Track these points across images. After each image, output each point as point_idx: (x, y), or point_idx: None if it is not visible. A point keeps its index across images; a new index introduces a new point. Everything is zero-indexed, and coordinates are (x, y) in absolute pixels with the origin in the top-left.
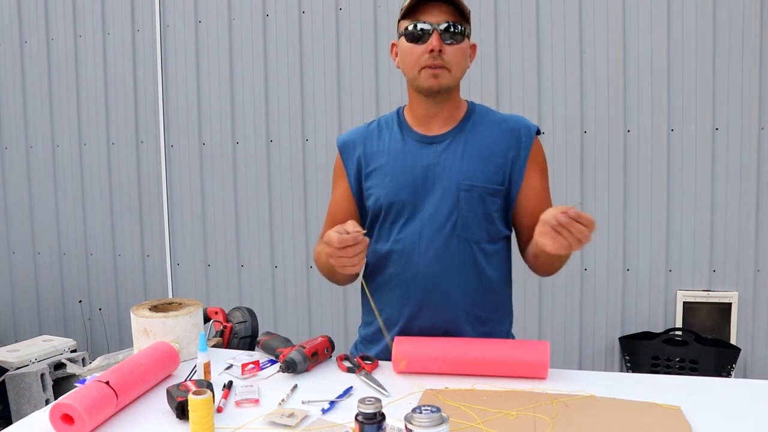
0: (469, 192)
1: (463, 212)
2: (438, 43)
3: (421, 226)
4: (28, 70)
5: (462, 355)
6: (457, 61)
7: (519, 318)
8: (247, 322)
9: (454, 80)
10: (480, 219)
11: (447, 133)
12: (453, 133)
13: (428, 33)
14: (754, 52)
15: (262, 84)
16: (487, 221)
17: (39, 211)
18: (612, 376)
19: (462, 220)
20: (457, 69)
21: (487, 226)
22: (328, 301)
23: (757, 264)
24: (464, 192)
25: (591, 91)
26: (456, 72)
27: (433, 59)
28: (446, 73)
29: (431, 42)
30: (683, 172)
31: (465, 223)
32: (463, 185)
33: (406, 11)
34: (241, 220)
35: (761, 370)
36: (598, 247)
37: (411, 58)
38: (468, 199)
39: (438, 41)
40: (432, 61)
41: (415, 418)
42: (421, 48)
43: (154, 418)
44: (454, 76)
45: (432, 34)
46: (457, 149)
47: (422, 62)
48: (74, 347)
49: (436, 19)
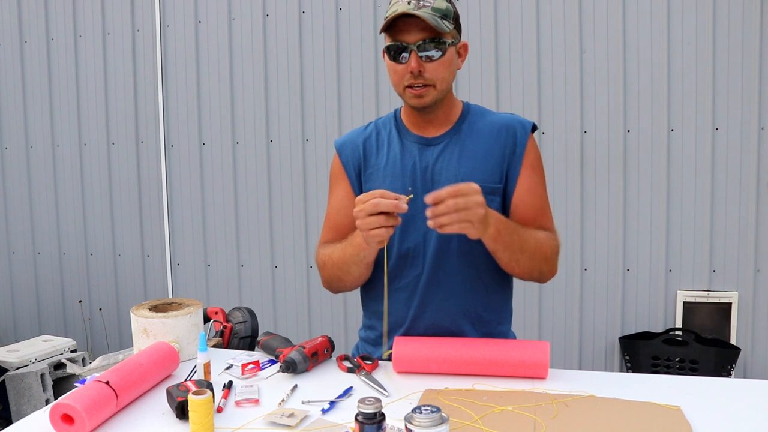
0: None
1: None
2: (416, 65)
3: (424, 228)
4: (28, 70)
5: (462, 355)
6: (441, 75)
7: (519, 318)
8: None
9: (440, 94)
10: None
11: (443, 135)
12: (449, 134)
13: (407, 52)
14: (754, 52)
15: (262, 84)
16: None
17: (39, 211)
18: (612, 376)
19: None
20: (442, 83)
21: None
22: (328, 301)
23: (757, 264)
24: None
25: (591, 91)
26: (441, 86)
27: (414, 79)
28: (431, 90)
29: (410, 63)
30: (683, 172)
31: None
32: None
33: (385, 29)
34: (241, 220)
35: (761, 370)
36: (598, 247)
37: (394, 77)
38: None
39: (416, 62)
40: (413, 81)
41: (415, 418)
42: (402, 67)
43: (154, 418)
44: (439, 91)
45: (411, 54)
46: (454, 150)
47: (405, 82)
48: (74, 347)
49: (413, 38)
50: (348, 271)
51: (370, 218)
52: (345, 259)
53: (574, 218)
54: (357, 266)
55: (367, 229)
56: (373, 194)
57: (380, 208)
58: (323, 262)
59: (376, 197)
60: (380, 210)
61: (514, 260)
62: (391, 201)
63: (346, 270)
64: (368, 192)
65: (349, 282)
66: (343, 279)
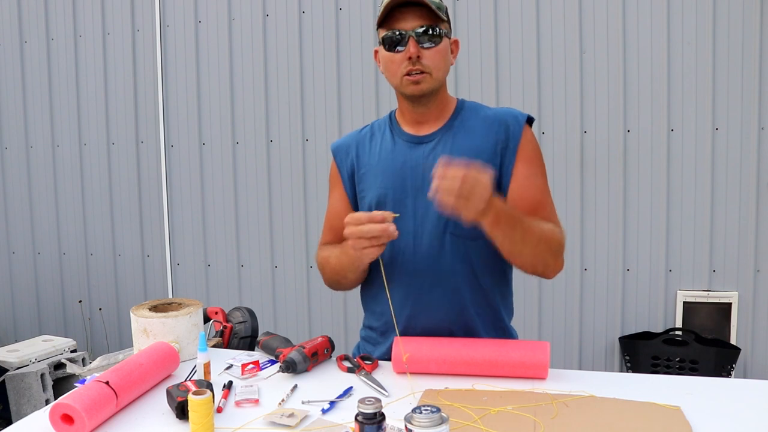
0: None
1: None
2: (415, 50)
3: (414, 225)
4: (28, 70)
5: (462, 356)
6: (437, 63)
7: (519, 318)
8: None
9: (436, 83)
10: None
11: (435, 132)
12: (442, 131)
13: (405, 40)
14: (754, 52)
15: (262, 84)
16: None
17: (39, 211)
18: (612, 376)
19: (454, 218)
20: (438, 71)
21: None
22: (328, 301)
23: (757, 264)
24: None
25: (591, 91)
26: (437, 74)
27: (412, 65)
28: (427, 77)
29: (408, 49)
30: (683, 172)
31: (457, 220)
32: None
33: (381, 20)
34: (241, 220)
35: (761, 370)
36: (598, 247)
37: (391, 66)
38: None
39: (415, 47)
40: (411, 67)
41: (415, 418)
42: (399, 56)
43: (154, 418)
44: (436, 79)
45: (408, 40)
46: (446, 147)
47: (402, 70)
48: (74, 347)
49: (410, 25)
50: (345, 276)
51: (360, 240)
52: (341, 266)
53: (574, 218)
54: (353, 273)
55: (359, 248)
56: (359, 219)
57: (371, 234)
58: (322, 264)
59: (363, 222)
60: (370, 236)
61: (517, 251)
62: (380, 227)
63: (343, 275)
64: (354, 215)
65: (347, 284)
66: (341, 282)
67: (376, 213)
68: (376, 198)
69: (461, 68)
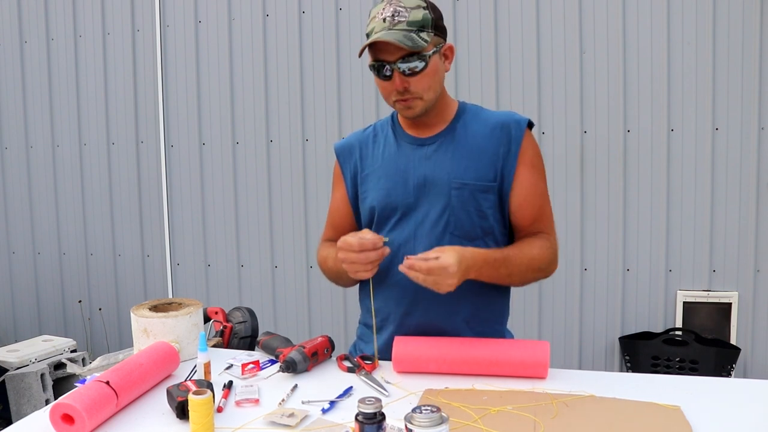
0: (460, 190)
1: (455, 210)
2: (400, 82)
3: (414, 226)
4: (28, 70)
5: (462, 355)
6: (427, 86)
7: (519, 318)
8: (247, 322)
9: (428, 103)
10: (473, 216)
11: (437, 135)
12: (443, 134)
13: (390, 70)
14: (754, 52)
15: (262, 84)
16: (480, 218)
17: (39, 211)
18: (612, 376)
19: (454, 219)
20: (429, 92)
21: (481, 222)
22: (328, 301)
23: (757, 264)
24: (455, 190)
25: (591, 91)
26: (428, 96)
27: (400, 95)
28: (418, 101)
29: (394, 81)
30: (683, 172)
31: (457, 221)
32: (454, 184)
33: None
34: (241, 220)
35: (761, 370)
36: (598, 247)
37: (383, 92)
38: (459, 197)
39: (400, 80)
40: (400, 97)
41: (415, 418)
42: (388, 83)
43: (154, 418)
44: (426, 101)
45: (393, 73)
46: (447, 149)
47: (393, 97)
48: (74, 347)
49: (393, 56)
50: (340, 278)
51: (354, 264)
52: (337, 270)
53: (574, 218)
54: (349, 279)
55: (354, 272)
56: (351, 246)
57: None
58: (321, 263)
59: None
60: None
61: (505, 282)
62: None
63: (339, 277)
64: (346, 241)
65: (344, 285)
66: (338, 282)
67: (367, 240)
68: (378, 200)
69: (461, 68)
